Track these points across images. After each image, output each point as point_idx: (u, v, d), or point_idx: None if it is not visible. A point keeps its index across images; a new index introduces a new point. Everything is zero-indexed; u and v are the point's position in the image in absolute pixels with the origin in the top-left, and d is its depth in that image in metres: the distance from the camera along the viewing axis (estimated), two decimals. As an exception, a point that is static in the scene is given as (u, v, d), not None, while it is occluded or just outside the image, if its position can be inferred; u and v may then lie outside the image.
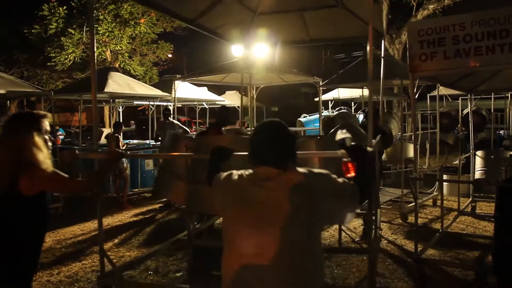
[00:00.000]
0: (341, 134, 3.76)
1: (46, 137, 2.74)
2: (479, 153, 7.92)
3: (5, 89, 7.78)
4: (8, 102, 11.39)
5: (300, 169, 2.05)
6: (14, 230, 2.47)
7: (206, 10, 5.79)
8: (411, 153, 8.82)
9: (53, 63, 19.20)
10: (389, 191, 8.37)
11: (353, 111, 14.93)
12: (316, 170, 2.08)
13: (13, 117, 2.77)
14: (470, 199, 8.02)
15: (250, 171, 2.10)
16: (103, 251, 4.27)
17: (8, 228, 2.47)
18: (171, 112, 10.07)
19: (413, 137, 7.72)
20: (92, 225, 7.44)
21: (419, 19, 13.80)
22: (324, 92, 12.90)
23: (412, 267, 5.08)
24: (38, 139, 2.63)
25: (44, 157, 2.61)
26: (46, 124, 2.77)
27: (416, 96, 6.55)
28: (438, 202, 7.97)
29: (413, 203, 6.89)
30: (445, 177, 8.40)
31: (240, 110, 13.03)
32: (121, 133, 9.68)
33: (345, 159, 2.92)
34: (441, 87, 9.99)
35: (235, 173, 2.15)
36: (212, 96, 14.66)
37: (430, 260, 5.25)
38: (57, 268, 5.53)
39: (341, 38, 7.32)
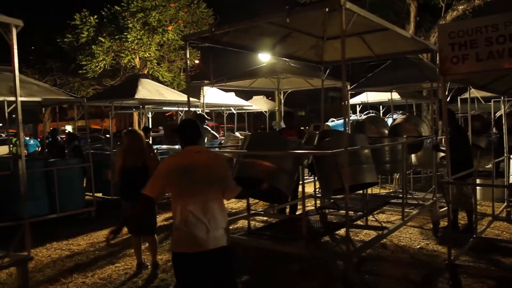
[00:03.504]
0: None
1: None
2: (514, 156, 7.72)
3: (41, 96, 8.04)
4: (43, 109, 11.75)
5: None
6: (142, 187, 3.37)
7: (278, 43, 6.74)
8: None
9: (84, 71, 19.71)
10: (419, 196, 8.24)
11: (381, 114, 14.77)
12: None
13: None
14: (505, 204, 7.80)
15: (180, 152, 3.42)
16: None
17: (141, 186, 3.36)
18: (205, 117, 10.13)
19: (443, 141, 7.61)
20: (124, 229, 7.56)
21: (449, 21, 13.57)
22: (352, 96, 12.83)
23: (444, 273, 4.99)
24: None
25: None
26: None
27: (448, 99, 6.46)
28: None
29: (445, 208, 6.78)
30: (478, 181, 8.21)
31: (267, 114, 13.00)
32: (150, 138, 9.84)
33: None
34: (472, 89, 9.79)
35: (169, 158, 3.48)
36: (240, 101, 14.75)
37: (464, 266, 5.14)
38: (91, 270, 5.67)
39: (400, 53, 7.77)
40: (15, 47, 4.61)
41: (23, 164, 4.86)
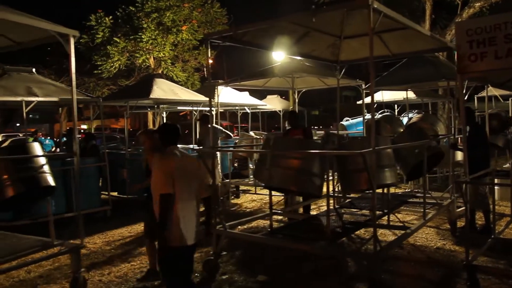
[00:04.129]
0: None
1: None
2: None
3: (58, 96, 8.13)
4: (60, 109, 11.87)
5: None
6: None
7: (296, 42, 6.69)
8: (459, 156, 8.55)
9: (99, 71, 19.91)
10: (435, 196, 8.15)
11: (396, 113, 14.64)
12: None
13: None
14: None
15: (169, 150, 3.64)
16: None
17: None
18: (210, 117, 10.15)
19: (459, 139, 7.51)
20: (139, 227, 7.63)
21: (465, 18, 13.39)
22: (367, 95, 12.72)
23: (462, 274, 4.93)
24: None
25: None
26: None
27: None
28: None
29: (462, 208, 6.69)
30: (496, 181, 8.08)
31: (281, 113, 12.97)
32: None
33: None
34: (490, 87, 9.65)
35: (173, 155, 3.60)
36: (254, 101, 14.74)
37: (481, 267, 5.07)
38: (107, 268, 5.73)
39: (418, 52, 7.65)
40: (73, 55, 5.05)
41: (77, 161, 5.20)
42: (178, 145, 3.88)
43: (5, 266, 4.56)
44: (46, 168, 4.97)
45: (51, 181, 4.95)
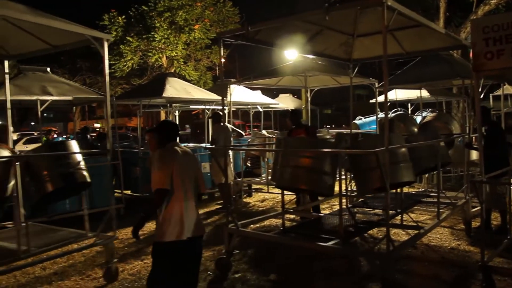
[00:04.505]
0: None
1: None
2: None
3: (72, 95, 8.22)
4: (74, 108, 12.00)
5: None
6: None
7: (308, 40, 6.69)
8: (474, 155, 8.44)
9: (112, 70, 20.05)
10: (449, 195, 8.06)
11: (409, 112, 14.51)
12: None
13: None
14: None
15: (168, 146, 3.68)
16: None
17: None
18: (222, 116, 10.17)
19: (474, 138, 7.42)
20: (152, 225, 7.66)
21: (481, 16, 13.21)
22: (380, 93, 12.64)
23: (477, 275, 4.87)
24: None
25: None
26: None
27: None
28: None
29: (477, 208, 6.61)
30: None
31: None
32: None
33: None
34: (506, 85, 9.51)
35: (172, 151, 3.63)
36: (266, 100, 14.74)
37: (497, 268, 5.00)
38: (121, 266, 5.76)
39: (432, 50, 7.56)
40: (106, 58, 5.29)
41: (109, 159, 5.48)
42: (191, 144, 3.92)
43: (52, 253, 5.06)
44: (82, 164, 5.22)
45: (87, 177, 5.22)
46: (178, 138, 3.84)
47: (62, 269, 5.74)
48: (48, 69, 9.28)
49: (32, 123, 30.09)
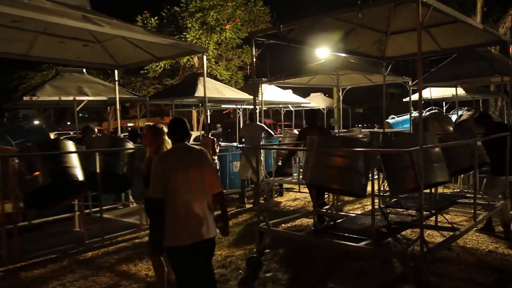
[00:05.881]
0: None
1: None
2: None
3: (107, 95, 8.42)
4: (108, 107, 12.29)
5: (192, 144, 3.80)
6: None
7: (341, 39, 6.71)
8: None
9: (145, 71, 20.39)
10: (487, 196, 7.82)
11: (444, 111, 14.16)
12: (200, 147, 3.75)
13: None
14: None
15: (170, 149, 3.86)
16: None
17: None
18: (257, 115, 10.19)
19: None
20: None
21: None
22: (414, 92, 12.40)
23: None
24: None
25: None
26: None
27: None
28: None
29: (517, 209, 6.39)
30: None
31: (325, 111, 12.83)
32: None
33: None
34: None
35: (163, 155, 3.78)
36: (297, 99, 14.68)
37: (538, 271, 4.82)
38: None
39: (469, 46, 7.46)
40: (205, 68, 6.45)
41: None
42: (222, 143, 3.92)
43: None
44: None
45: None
46: (187, 137, 3.69)
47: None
48: (84, 70, 9.52)
49: (68, 123, 30.91)
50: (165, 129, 4.35)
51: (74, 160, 5.89)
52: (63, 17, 4.97)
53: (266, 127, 9.84)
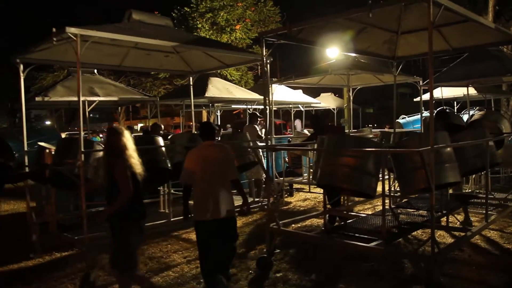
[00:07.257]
0: None
1: None
2: None
3: (117, 96, 8.48)
4: (119, 108, 12.37)
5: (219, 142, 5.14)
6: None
7: (351, 38, 6.74)
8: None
9: (156, 71, 20.49)
10: (498, 197, 7.76)
11: (455, 111, 14.05)
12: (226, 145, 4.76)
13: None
14: None
15: (199, 146, 4.58)
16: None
17: None
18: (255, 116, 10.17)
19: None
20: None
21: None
22: (425, 91, 12.33)
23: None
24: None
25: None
26: None
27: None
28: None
29: (530, 210, 6.34)
30: None
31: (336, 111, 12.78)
32: (220, 136, 10.03)
33: None
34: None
35: (192, 151, 4.50)
36: (307, 99, 14.66)
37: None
38: (164, 263, 5.89)
39: (480, 46, 7.36)
40: (268, 74, 6.78)
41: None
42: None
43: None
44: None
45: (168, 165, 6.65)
46: (212, 137, 4.54)
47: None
48: (95, 70, 9.59)
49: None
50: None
51: (163, 153, 6.72)
52: (156, 39, 6.16)
53: (258, 130, 9.78)
